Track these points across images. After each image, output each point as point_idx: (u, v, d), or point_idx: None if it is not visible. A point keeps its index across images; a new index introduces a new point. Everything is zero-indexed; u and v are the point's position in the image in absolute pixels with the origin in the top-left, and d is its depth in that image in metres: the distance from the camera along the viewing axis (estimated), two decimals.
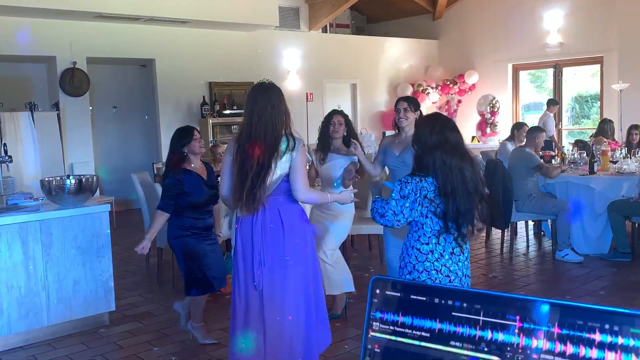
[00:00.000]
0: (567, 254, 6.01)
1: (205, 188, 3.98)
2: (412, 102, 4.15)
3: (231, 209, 3.19)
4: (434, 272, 2.84)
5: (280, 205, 3.02)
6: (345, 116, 4.47)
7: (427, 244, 2.86)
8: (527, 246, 6.75)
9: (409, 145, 3.46)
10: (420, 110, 4.21)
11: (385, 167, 4.27)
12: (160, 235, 5.47)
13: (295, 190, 3.02)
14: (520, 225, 7.25)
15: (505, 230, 6.48)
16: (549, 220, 6.47)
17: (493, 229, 6.89)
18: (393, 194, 2.86)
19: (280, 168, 2.97)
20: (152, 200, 5.41)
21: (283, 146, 2.96)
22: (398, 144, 4.10)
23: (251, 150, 2.94)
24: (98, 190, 6.51)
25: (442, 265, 2.85)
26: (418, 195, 2.82)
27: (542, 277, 5.63)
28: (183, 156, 3.97)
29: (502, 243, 6.53)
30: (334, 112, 4.48)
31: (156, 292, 5.47)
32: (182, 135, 4.02)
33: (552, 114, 10.13)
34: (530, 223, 7.17)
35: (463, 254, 2.90)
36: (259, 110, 2.97)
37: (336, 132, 4.39)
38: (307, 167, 5.00)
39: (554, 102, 10.32)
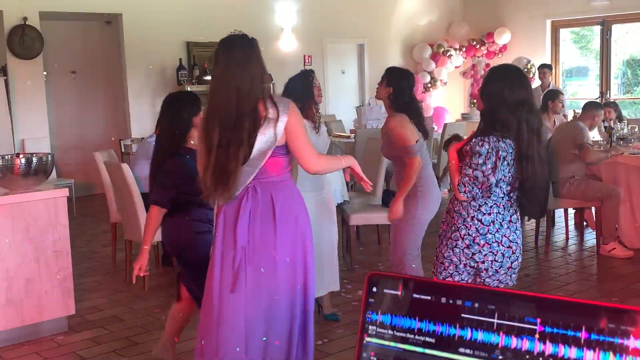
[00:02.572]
0: (614, 248, 6.03)
1: None
2: (388, 72, 4.14)
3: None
4: (495, 244, 3.05)
5: (274, 188, 2.90)
6: None
7: (489, 214, 3.03)
8: (567, 239, 6.77)
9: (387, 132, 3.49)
10: (397, 83, 4.14)
11: None
12: (128, 228, 5.50)
13: (303, 162, 2.91)
14: (559, 213, 7.26)
15: (541, 219, 6.49)
16: (593, 208, 6.48)
17: (526, 218, 6.91)
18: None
19: (263, 143, 2.82)
20: (119, 184, 5.43)
21: (269, 114, 2.82)
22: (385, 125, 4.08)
23: (213, 124, 2.83)
24: (54, 171, 6.53)
25: (502, 235, 3.05)
26: (494, 156, 2.96)
27: (583, 275, 5.66)
28: (188, 131, 3.65)
29: (536, 235, 6.55)
30: (313, 72, 4.41)
31: (124, 292, 5.51)
32: (192, 103, 3.70)
33: (544, 84, 9.65)
34: (571, 211, 7.19)
35: (519, 221, 3.15)
36: (220, 73, 2.88)
37: (320, 97, 4.36)
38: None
39: (541, 67, 9.95)
